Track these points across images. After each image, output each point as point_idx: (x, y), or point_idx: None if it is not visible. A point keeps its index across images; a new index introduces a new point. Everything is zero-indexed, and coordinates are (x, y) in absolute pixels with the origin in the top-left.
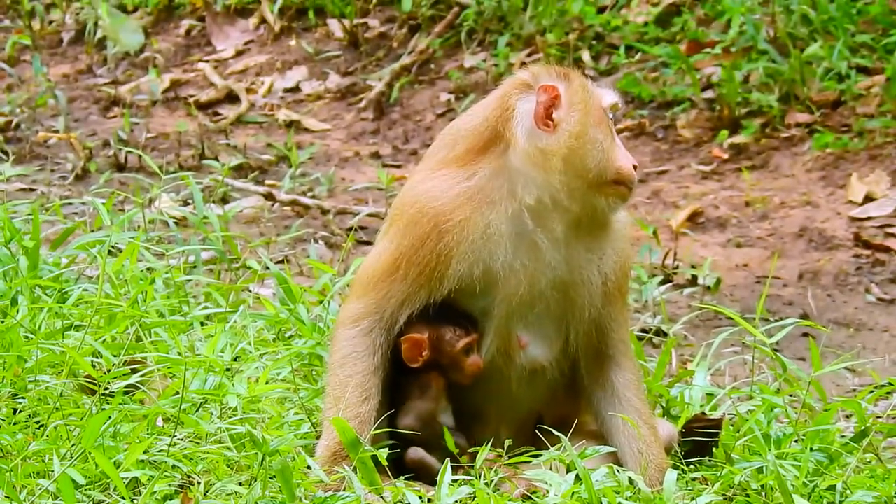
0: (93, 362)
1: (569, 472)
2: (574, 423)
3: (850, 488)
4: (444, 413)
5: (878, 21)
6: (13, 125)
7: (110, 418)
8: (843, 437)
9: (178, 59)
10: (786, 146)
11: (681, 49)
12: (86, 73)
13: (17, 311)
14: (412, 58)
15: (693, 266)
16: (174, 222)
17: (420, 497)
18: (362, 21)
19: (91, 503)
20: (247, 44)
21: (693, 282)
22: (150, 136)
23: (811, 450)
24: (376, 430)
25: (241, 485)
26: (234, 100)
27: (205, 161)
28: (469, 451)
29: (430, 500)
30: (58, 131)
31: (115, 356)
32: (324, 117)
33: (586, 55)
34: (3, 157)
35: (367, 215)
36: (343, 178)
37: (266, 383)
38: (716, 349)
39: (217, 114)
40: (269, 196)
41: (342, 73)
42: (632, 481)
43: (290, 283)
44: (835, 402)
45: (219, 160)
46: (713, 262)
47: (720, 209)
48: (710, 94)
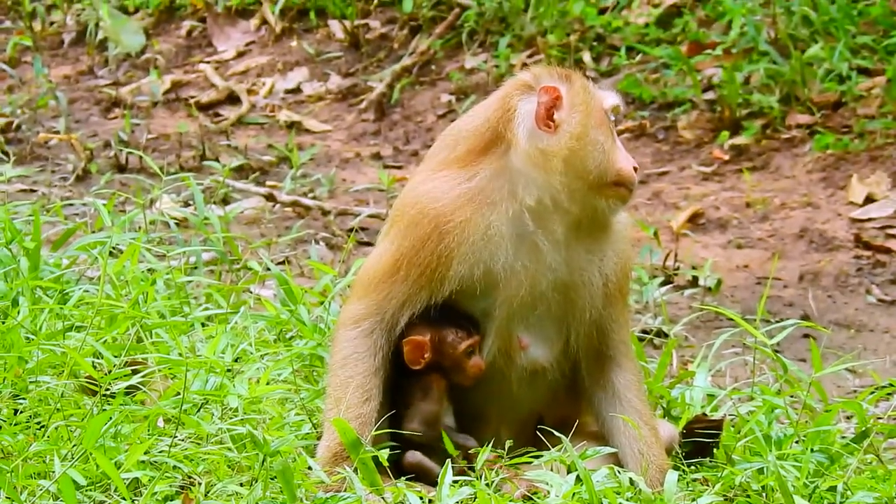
0: (94, 363)
1: (569, 472)
2: (575, 424)
3: (851, 489)
4: (445, 414)
5: (879, 22)
6: (14, 126)
7: (111, 419)
8: (843, 437)
9: (178, 60)
10: (786, 147)
11: (682, 50)
12: (87, 75)
13: (18, 312)
14: (413, 59)
15: (694, 267)
16: (175, 223)
17: (421, 498)
18: (363, 22)
19: None
20: (248, 45)
21: (694, 283)
22: (150, 137)
23: (812, 451)
24: (377, 431)
25: (242, 485)
26: (235, 101)
27: (206, 162)
28: (470, 451)
29: (430, 501)
30: (59, 132)
31: (115, 357)
32: (325, 118)
33: (587, 56)
34: (4, 158)
35: (368, 216)
36: (344, 179)
37: (267, 384)
38: (716, 350)
39: (218, 115)
40: (269, 197)
41: (343, 74)
42: (633, 482)
43: (290, 284)
44: (835, 403)
45: (220, 161)
46: (714, 264)
47: (721, 210)
48: (710, 95)
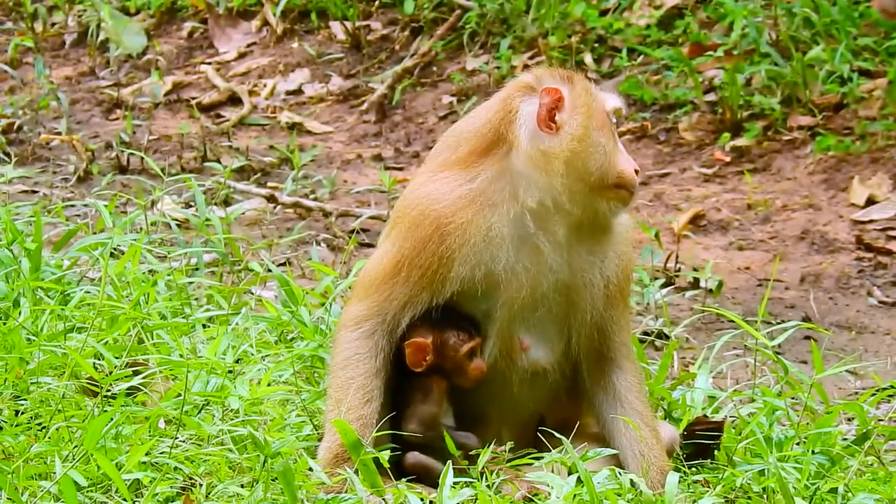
0: (95, 364)
1: (570, 474)
2: (576, 426)
3: (852, 491)
4: (444, 416)
5: (880, 24)
6: (15, 127)
7: (112, 420)
8: (844, 439)
9: (180, 61)
10: (788, 149)
11: (683, 52)
12: (88, 76)
13: (20, 313)
14: (414, 60)
15: (695, 269)
16: (176, 224)
17: (422, 499)
18: (364, 23)
19: None
20: (249, 46)
21: (695, 284)
22: (152, 138)
23: (813, 452)
24: (378, 432)
25: (242, 486)
26: (237, 102)
27: (207, 163)
28: (471, 452)
29: (431, 502)
30: (60, 133)
31: (116, 358)
32: (326, 119)
33: (588, 58)
34: (6, 159)
35: (369, 218)
36: (345, 181)
37: (268, 385)
38: (717, 352)
39: (219, 116)
40: (271, 198)
41: (344, 75)
42: (633, 483)
43: (292, 286)
44: (836, 404)
45: (221, 162)
46: (715, 265)
47: (722, 212)
48: (712, 96)
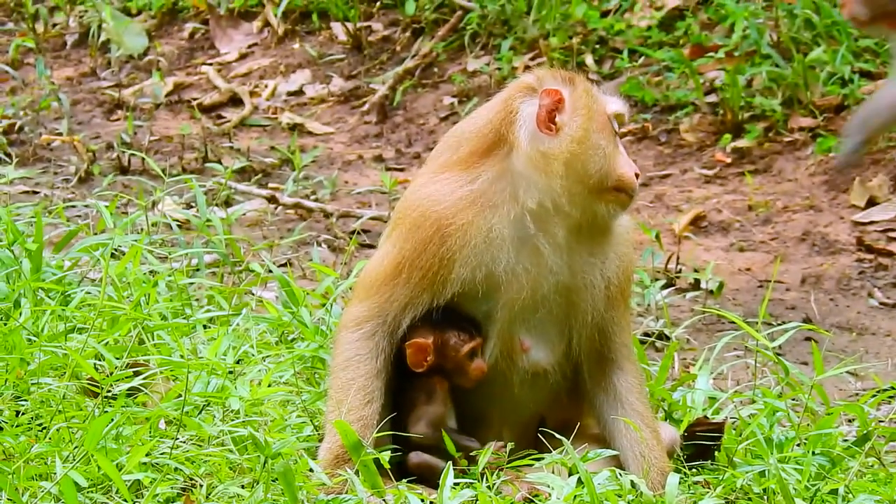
0: (95, 365)
1: (571, 475)
2: (576, 427)
3: (853, 492)
4: (448, 417)
5: None
6: (16, 128)
7: (113, 421)
8: (845, 440)
9: (181, 62)
10: (789, 150)
11: (684, 53)
12: (89, 76)
13: (20, 314)
14: (415, 61)
15: (696, 270)
16: (177, 225)
17: (422, 500)
18: (366, 24)
19: None
20: (250, 47)
21: (696, 286)
22: (153, 139)
23: (813, 454)
24: (379, 433)
25: (243, 487)
26: (238, 103)
27: (208, 164)
28: (472, 453)
29: (432, 503)
30: (61, 134)
31: (117, 359)
32: (327, 120)
33: (590, 59)
34: (7, 159)
35: (370, 219)
36: (346, 182)
37: (269, 386)
38: (718, 353)
39: (220, 117)
40: (272, 199)
41: (345, 76)
42: (634, 484)
43: (292, 286)
44: (837, 405)
45: (222, 163)
46: (716, 266)
47: (723, 213)
48: (713, 98)
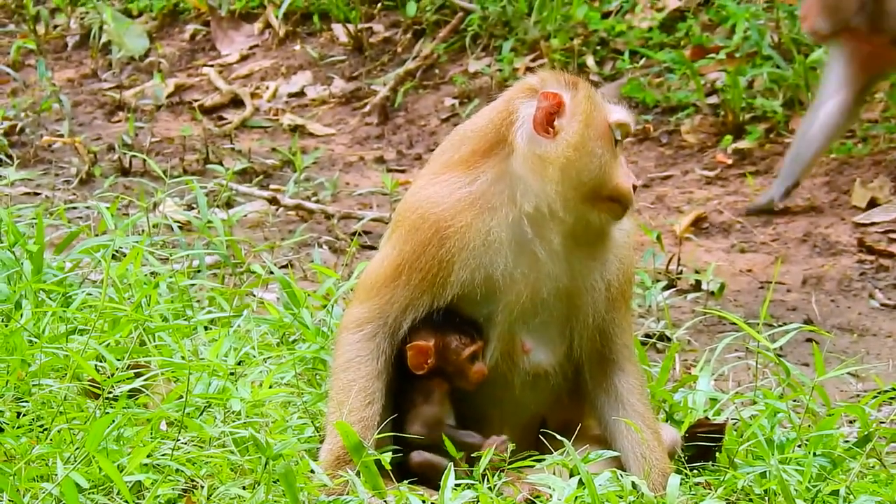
0: (97, 366)
1: (572, 476)
2: (577, 428)
3: (854, 493)
4: (447, 417)
5: None
6: (18, 129)
7: (114, 422)
8: (846, 442)
9: (182, 63)
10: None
11: (685, 54)
12: (90, 78)
13: (21, 315)
14: (417, 62)
15: (697, 271)
16: (178, 226)
17: (424, 501)
18: (367, 26)
19: None
20: (251, 48)
21: (697, 287)
22: (154, 140)
23: (814, 455)
24: (380, 434)
25: (244, 489)
26: (239, 104)
27: (209, 165)
28: (475, 454)
29: None
30: (62, 136)
31: (118, 360)
32: (328, 122)
33: (591, 60)
34: (8, 161)
35: (371, 220)
36: (347, 183)
37: (270, 387)
38: (719, 354)
39: (221, 118)
40: (273, 200)
41: (347, 77)
42: (635, 486)
43: (293, 288)
44: (838, 407)
45: (223, 165)
46: (717, 268)
47: (724, 214)
48: (714, 99)
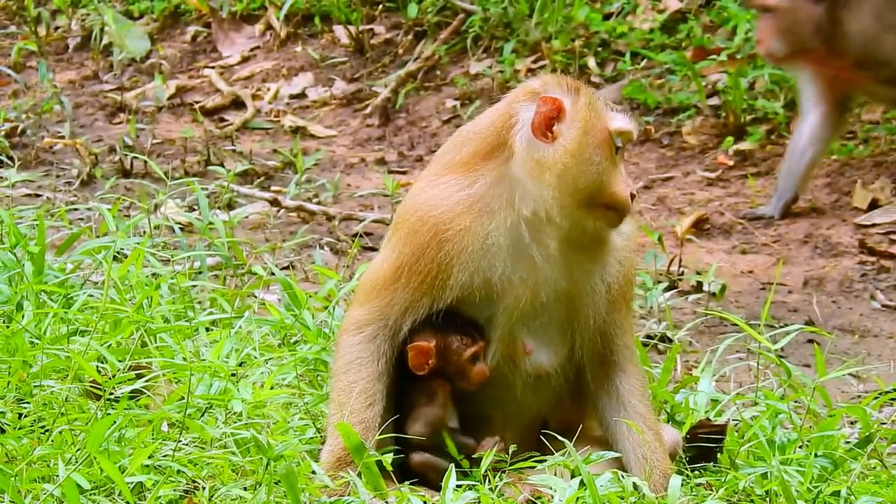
0: (98, 367)
1: (573, 477)
2: (579, 429)
3: (855, 494)
4: (449, 418)
5: None
6: (19, 131)
7: (115, 423)
8: (847, 442)
9: (183, 65)
10: None
11: (686, 56)
12: (91, 80)
13: (23, 317)
14: (418, 64)
15: (698, 272)
16: (180, 228)
17: (425, 502)
18: (368, 27)
19: None
20: (253, 50)
21: (698, 288)
22: (155, 142)
23: (816, 455)
24: (381, 435)
25: (245, 490)
26: (240, 106)
27: (210, 167)
28: (474, 455)
29: None
30: (63, 137)
31: (120, 361)
32: (329, 123)
33: (592, 62)
34: (9, 162)
35: (373, 221)
36: (348, 185)
37: (271, 388)
38: (721, 355)
39: (223, 120)
40: (274, 202)
41: (348, 79)
42: (636, 487)
43: (295, 289)
44: (839, 408)
45: (224, 166)
46: (718, 269)
47: (725, 216)
48: (715, 100)
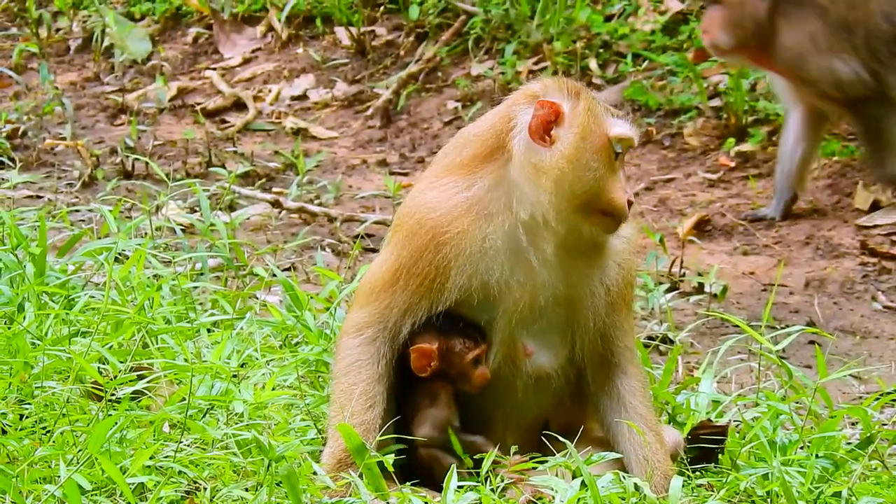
0: (99, 368)
1: (574, 478)
2: (580, 430)
3: (856, 495)
4: (453, 418)
5: None
6: (20, 132)
7: (117, 424)
8: (848, 443)
9: (185, 66)
10: None
11: (688, 57)
12: (93, 81)
13: (24, 318)
14: (419, 66)
15: (699, 274)
16: (181, 229)
17: (426, 503)
18: (369, 29)
19: None
20: (254, 52)
21: (699, 289)
22: (157, 143)
23: (817, 456)
24: (381, 437)
25: (247, 490)
26: (242, 107)
27: (212, 168)
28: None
29: None
30: (65, 139)
31: (121, 362)
32: (331, 125)
33: (593, 63)
34: (11, 164)
35: (374, 223)
36: (350, 186)
37: (272, 389)
38: (722, 356)
39: (224, 121)
40: (275, 203)
41: (349, 80)
42: (637, 487)
43: (296, 290)
44: (841, 409)
45: (226, 168)
46: (720, 270)
47: (727, 217)
48: (716, 102)
